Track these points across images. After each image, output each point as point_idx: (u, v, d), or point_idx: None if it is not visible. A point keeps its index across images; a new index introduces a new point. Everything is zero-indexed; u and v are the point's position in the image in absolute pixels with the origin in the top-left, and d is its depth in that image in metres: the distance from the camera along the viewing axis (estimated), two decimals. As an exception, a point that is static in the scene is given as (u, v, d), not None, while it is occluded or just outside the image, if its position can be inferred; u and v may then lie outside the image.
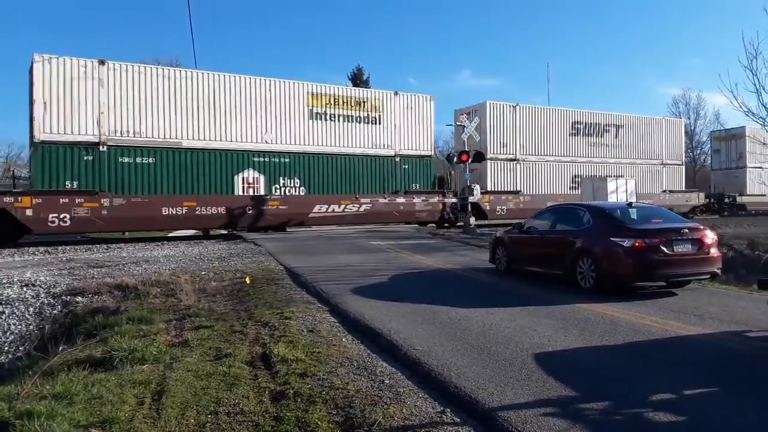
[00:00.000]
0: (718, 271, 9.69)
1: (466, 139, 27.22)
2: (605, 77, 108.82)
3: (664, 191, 36.04)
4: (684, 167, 38.90)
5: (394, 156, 27.12)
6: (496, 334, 6.84)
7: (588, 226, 10.09)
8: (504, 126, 30.61)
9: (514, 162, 31.11)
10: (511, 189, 30.44)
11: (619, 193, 27.31)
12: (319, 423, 4.39)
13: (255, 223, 23.46)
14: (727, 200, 39.01)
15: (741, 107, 16.23)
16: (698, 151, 70.04)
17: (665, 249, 9.06)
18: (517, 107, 31.24)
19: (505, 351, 6.10)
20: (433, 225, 27.87)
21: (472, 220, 25.09)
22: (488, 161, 29.74)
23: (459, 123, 27.20)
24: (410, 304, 8.56)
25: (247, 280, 11.18)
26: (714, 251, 9.55)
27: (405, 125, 27.62)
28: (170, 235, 23.45)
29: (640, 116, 36.31)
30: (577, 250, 9.85)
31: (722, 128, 40.54)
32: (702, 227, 9.73)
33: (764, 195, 37.25)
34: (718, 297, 9.32)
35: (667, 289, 9.65)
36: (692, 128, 69.34)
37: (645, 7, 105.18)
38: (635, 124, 35.79)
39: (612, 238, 9.36)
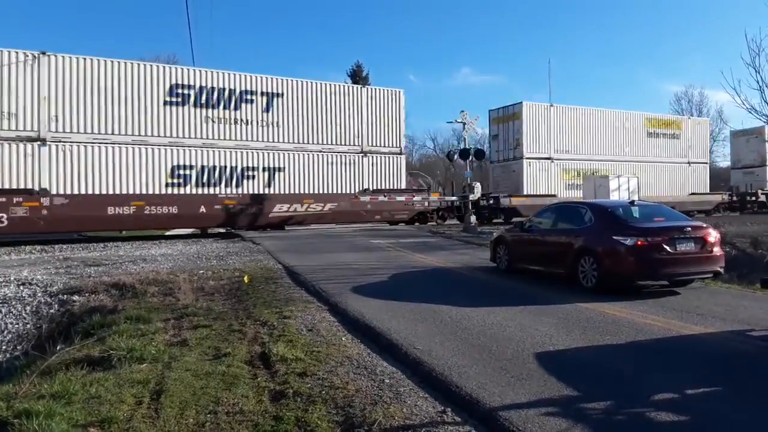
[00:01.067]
0: (721, 270, 9.64)
1: (466, 136, 27.20)
2: (607, 74, 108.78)
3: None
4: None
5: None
6: (497, 333, 6.78)
7: (590, 225, 10.04)
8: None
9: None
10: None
11: (621, 191, 27.30)
12: (318, 423, 4.34)
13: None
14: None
15: (744, 104, 16.18)
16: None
17: (668, 247, 9.01)
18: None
19: (506, 350, 6.05)
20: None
21: (473, 219, 25.02)
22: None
23: (460, 120, 27.11)
24: (410, 303, 8.50)
25: (246, 279, 11.12)
26: (717, 250, 9.49)
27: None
28: (167, 233, 23.37)
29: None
30: (578, 248, 9.80)
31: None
32: (705, 225, 9.68)
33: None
34: (720, 296, 9.27)
35: (669, 288, 9.60)
36: (695, 125, 69.33)
37: (647, 5, 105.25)
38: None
39: (614, 237, 9.31)
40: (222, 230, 23.50)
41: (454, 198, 28.52)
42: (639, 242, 9.03)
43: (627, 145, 34.57)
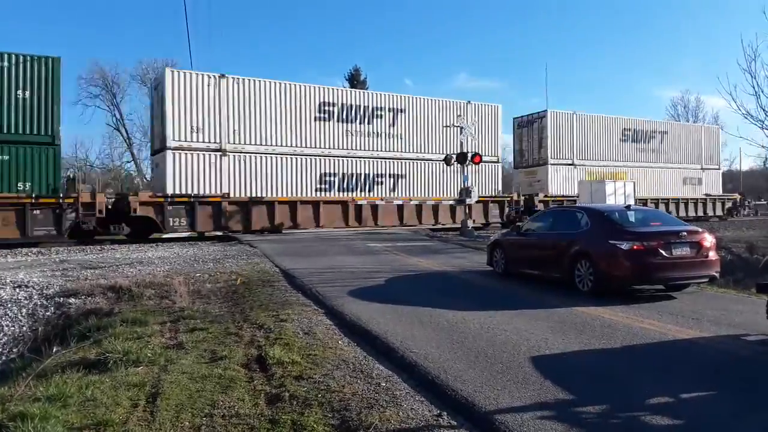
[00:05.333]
0: (717, 275, 9.66)
1: (465, 141, 27.24)
2: (604, 79, 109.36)
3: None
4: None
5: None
6: (493, 337, 6.80)
7: (586, 229, 10.06)
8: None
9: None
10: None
11: (617, 195, 27.37)
12: (315, 426, 4.34)
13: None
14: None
15: (740, 110, 16.19)
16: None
17: (664, 252, 9.03)
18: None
19: (502, 354, 6.06)
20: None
21: (470, 223, 25.04)
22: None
23: (457, 124, 27.19)
24: (407, 307, 8.51)
25: (238, 280, 11.14)
26: (713, 254, 9.53)
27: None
28: (164, 236, 23.31)
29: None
30: (575, 252, 9.82)
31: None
32: (701, 230, 9.71)
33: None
34: (716, 300, 9.30)
35: (665, 293, 9.63)
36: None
37: (643, 10, 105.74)
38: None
39: (610, 241, 9.34)
40: (219, 233, 23.48)
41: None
42: (635, 246, 9.06)
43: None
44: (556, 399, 4.75)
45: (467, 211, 25.68)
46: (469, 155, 25.36)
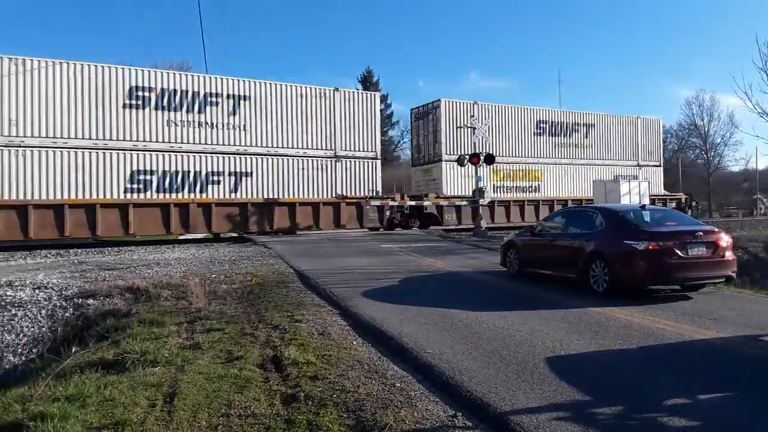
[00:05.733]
0: (733, 275, 9.56)
1: (478, 141, 27.20)
2: (617, 79, 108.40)
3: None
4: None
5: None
6: (507, 337, 6.78)
7: (601, 229, 10.00)
8: (465, 126, 29.29)
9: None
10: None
11: (632, 195, 27.14)
12: (330, 426, 4.36)
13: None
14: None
15: (755, 108, 16.15)
16: (712, 153, 69.43)
17: (679, 252, 8.96)
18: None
19: (516, 354, 6.05)
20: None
21: (483, 223, 25.00)
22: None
23: (469, 125, 27.15)
24: (421, 307, 8.52)
25: (253, 281, 11.22)
26: (729, 254, 9.42)
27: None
28: (181, 237, 23.53)
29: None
30: (589, 252, 9.76)
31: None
32: (717, 230, 9.61)
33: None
34: (733, 301, 9.21)
35: (681, 293, 9.55)
36: (706, 130, 68.80)
37: (657, 9, 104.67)
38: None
39: (625, 241, 9.27)
40: (234, 234, 23.64)
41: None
42: (650, 246, 8.99)
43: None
44: (572, 400, 4.73)
45: (480, 211, 25.63)
46: (482, 156, 25.33)
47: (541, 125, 31.88)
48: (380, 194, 26.88)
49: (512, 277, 11.77)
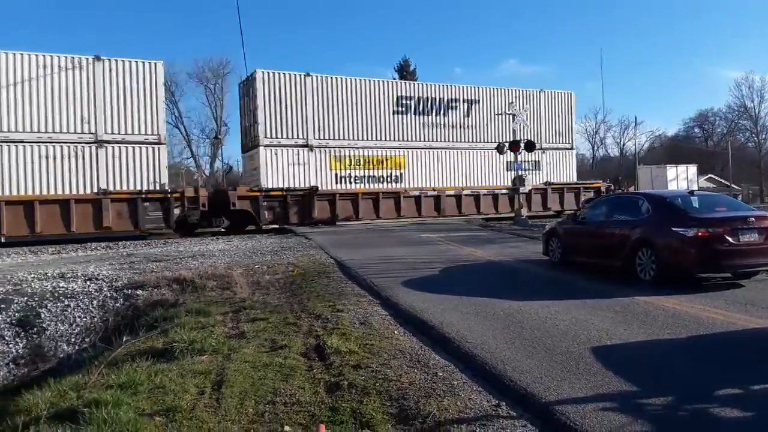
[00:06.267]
0: (788, 262, 9.16)
1: (517, 128, 26.78)
2: (662, 61, 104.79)
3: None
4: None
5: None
6: (551, 327, 6.69)
7: (647, 216, 9.73)
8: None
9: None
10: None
11: (679, 180, 26.35)
12: (374, 414, 4.40)
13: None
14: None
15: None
16: (764, 136, 66.62)
17: (730, 238, 8.64)
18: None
19: (561, 344, 5.96)
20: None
21: (524, 212, 24.67)
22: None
23: (510, 112, 26.75)
24: (462, 297, 8.48)
25: (295, 272, 11.37)
26: (783, 240, 9.04)
27: None
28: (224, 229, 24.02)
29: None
30: (635, 240, 9.52)
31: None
32: None
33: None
34: (788, 289, 8.84)
35: (732, 281, 9.22)
36: (756, 112, 66.05)
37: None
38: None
39: (673, 228, 9.00)
40: (275, 225, 23.98)
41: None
42: (700, 233, 8.70)
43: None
44: (619, 390, 4.64)
45: (521, 200, 25.27)
46: (522, 143, 24.92)
47: (404, 102, 26.73)
48: (164, 187, 21.82)
49: (554, 266, 11.58)
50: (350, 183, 25.48)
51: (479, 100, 28.60)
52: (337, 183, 25.13)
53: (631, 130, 69.68)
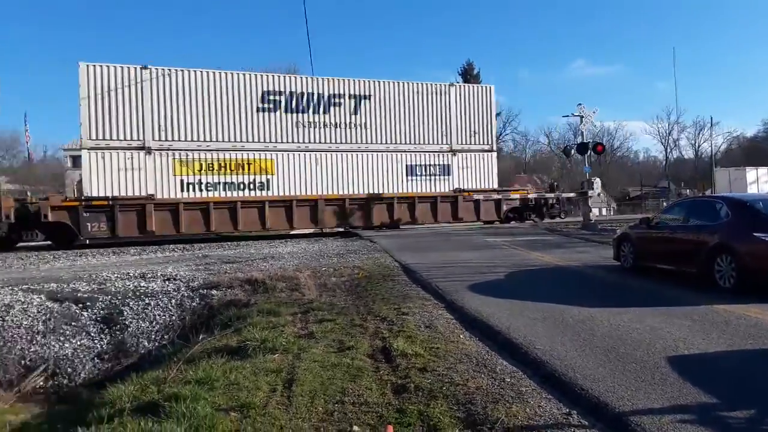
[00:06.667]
0: None
1: (584, 130, 26.04)
2: (739, 59, 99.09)
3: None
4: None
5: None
6: (624, 335, 6.48)
7: (726, 220, 9.26)
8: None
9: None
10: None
11: (760, 183, 24.89)
12: (441, 417, 4.42)
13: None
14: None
15: None
16: None
17: (820, 245, 8.08)
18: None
19: (635, 353, 5.77)
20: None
21: (592, 215, 23.95)
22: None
23: (576, 114, 26.04)
24: (529, 302, 8.35)
25: (360, 274, 11.53)
26: None
27: None
28: (292, 233, 24.63)
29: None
30: (713, 246, 9.07)
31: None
32: None
33: None
34: None
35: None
36: None
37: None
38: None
39: (755, 233, 8.52)
40: (341, 229, 24.35)
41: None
42: (785, 239, 8.19)
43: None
44: (698, 402, 4.45)
45: (588, 204, 24.56)
46: (590, 144, 24.25)
47: (271, 98, 23.26)
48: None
49: (626, 272, 11.20)
50: (200, 191, 22.01)
51: (370, 96, 24.56)
52: (182, 191, 21.73)
53: (707, 131, 66.25)
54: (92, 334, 10.34)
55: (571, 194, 28.54)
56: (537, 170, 74.78)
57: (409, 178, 24.93)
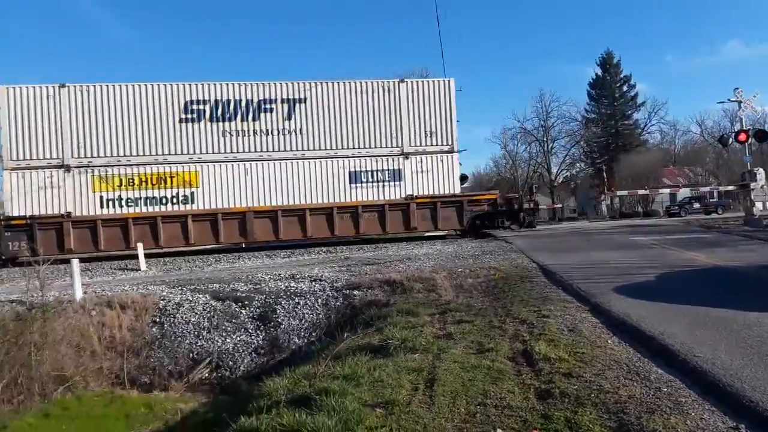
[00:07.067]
0: None
1: (743, 116, 23.48)
2: None
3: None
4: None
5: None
6: (800, 344, 5.77)
7: None
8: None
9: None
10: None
11: None
12: (590, 426, 4.24)
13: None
14: None
15: None
16: None
17: None
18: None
19: (815, 365, 5.12)
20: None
21: (756, 211, 21.50)
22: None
23: (734, 99, 23.54)
24: (684, 306, 7.71)
25: (496, 275, 11.38)
26: None
27: None
28: (426, 234, 24.91)
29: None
30: None
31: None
32: None
33: None
34: None
35: None
36: None
37: None
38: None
39: None
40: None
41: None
42: None
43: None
44: None
45: (752, 197, 22.04)
46: (751, 132, 21.80)
47: (194, 107, 22.21)
48: None
49: (802, 273, 9.94)
50: (120, 207, 21.47)
51: (306, 99, 22.89)
52: (102, 207, 21.32)
53: None
54: (250, 331, 11.30)
55: (730, 187, 25.81)
56: (688, 162, 68.51)
57: (353, 185, 22.91)
